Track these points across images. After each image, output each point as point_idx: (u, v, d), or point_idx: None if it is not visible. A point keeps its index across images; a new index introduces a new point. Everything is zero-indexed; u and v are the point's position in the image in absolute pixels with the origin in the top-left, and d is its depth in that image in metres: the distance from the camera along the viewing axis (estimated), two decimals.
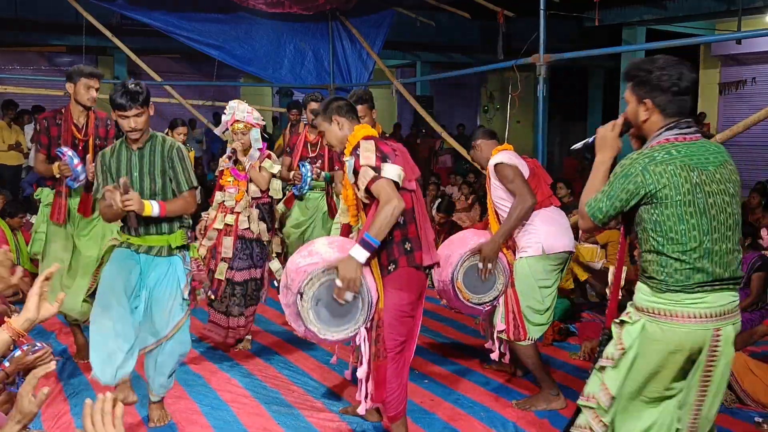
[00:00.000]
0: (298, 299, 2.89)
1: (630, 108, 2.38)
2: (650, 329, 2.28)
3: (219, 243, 4.58)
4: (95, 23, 8.58)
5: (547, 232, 3.69)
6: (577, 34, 11.56)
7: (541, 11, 5.77)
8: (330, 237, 3.29)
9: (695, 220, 2.23)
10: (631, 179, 2.24)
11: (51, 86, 10.33)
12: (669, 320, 2.25)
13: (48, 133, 4.15)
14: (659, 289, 2.27)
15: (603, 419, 2.39)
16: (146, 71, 9.38)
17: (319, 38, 9.34)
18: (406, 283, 2.99)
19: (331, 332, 2.95)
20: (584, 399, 2.46)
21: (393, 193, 2.83)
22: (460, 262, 3.64)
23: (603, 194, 2.31)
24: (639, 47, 9.55)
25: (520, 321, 3.70)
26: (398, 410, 3.10)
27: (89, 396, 3.88)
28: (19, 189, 9.00)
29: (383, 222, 2.81)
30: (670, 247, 2.24)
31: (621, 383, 2.34)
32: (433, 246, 3.10)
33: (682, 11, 9.62)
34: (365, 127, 3.11)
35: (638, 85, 2.33)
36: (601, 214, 2.31)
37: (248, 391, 4.03)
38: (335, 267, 2.86)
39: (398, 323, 3.00)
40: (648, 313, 2.29)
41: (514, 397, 3.93)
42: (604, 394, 2.36)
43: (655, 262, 2.28)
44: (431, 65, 14.80)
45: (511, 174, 3.62)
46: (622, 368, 2.33)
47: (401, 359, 3.07)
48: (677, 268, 2.24)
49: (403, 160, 3.03)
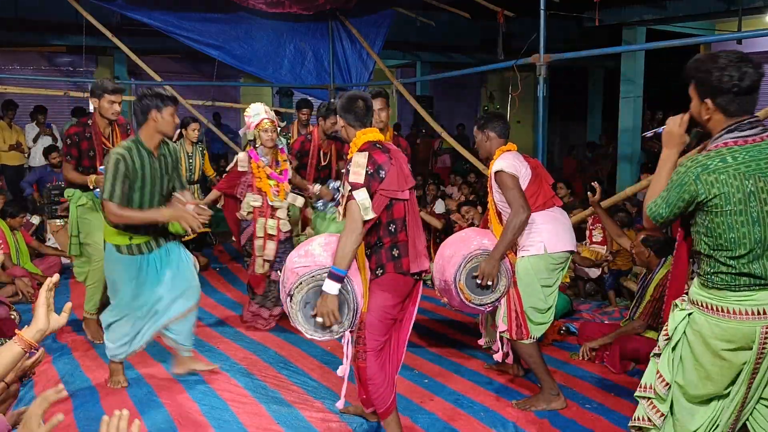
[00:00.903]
0: (288, 300, 3.07)
1: (693, 106, 2.35)
2: (697, 320, 2.33)
3: (255, 235, 4.99)
4: (95, 23, 8.57)
5: (549, 231, 3.70)
6: (577, 34, 11.55)
7: (541, 11, 5.77)
8: (327, 236, 3.31)
9: (746, 229, 2.22)
10: (686, 188, 2.25)
11: (51, 86, 10.34)
12: (716, 315, 2.29)
13: (79, 147, 4.53)
14: (706, 285, 2.32)
15: (660, 408, 2.43)
16: (146, 71, 9.38)
17: (319, 38, 9.33)
18: (392, 287, 3.09)
19: (318, 334, 3.12)
20: (641, 390, 2.51)
21: (358, 223, 2.96)
22: (463, 264, 3.65)
23: (662, 200, 2.33)
24: (639, 47, 9.54)
25: (522, 320, 3.70)
26: (386, 406, 3.17)
27: (90, 396, 3.90)
28: (19, 189, 8.99)
29: (343, 252, 2.96)
30: (719, 253, 2.27)
31: (673, 370, 2.39)
32: (422, 253, 3.16)
33: (682, 11, 9.60)
34: (366, 133, 3.14)
35: (699, 85, 2.29)
36: (661, 219, 2.34)
37: (248, 391, 4.03)
38: (325, 270, 3.01)
39: (380, 324, 3.11)
40: (698, 306, 2.35)
41: (515, 397, 3.93)
42: (660, 382, 2.43)
43: (705, 262, 2.33)
44: (431, 65, 14.78)
45: (510, 184, 3.61)
46: (670, 354, 2.40)
47: (383, 356, 3.16)
48: (725, 271, 2.27)
49: (398, 169, 3.08)
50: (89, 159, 4.52)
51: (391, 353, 3.21)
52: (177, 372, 4.22)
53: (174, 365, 4.23)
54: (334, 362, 4.36)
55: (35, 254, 6.91)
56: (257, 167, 4.93)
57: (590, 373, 4.37)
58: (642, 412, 2.50)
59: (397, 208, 3.02)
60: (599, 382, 4.22)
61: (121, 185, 3.57)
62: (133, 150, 3.65)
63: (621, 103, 10.56)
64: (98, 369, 4.33)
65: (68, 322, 5.56)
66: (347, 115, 3.17)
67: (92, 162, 4.52)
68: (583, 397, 3.95)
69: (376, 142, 3.13)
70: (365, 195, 2.96)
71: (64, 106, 12.11)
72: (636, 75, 10.31)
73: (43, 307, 1.98)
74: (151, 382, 4.13)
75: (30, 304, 5.84)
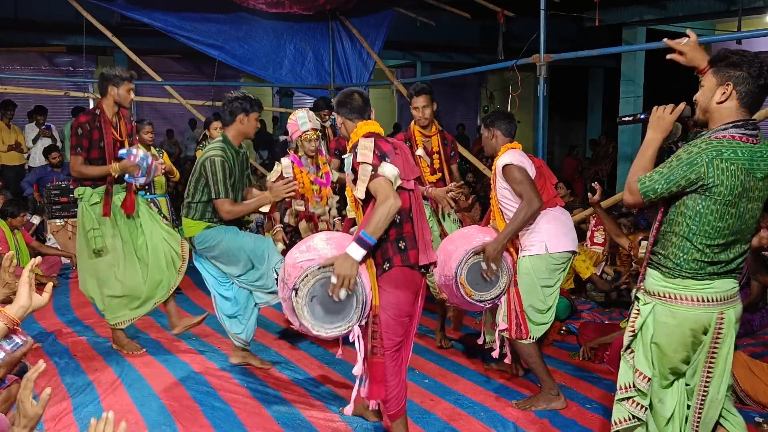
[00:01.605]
0: (292, 295, 2.92)
1: (705, 90, 2.38)
2: (660, 311, 2.45)
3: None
4: (95, 23, 8.58)
5: (551, 231, 3.70)
6: (577, 34, 11.56)
7: (541, 11, 5.77)
8: (329, 232, 3.29)
9: (732, 221, 2.34)
10: (695, 169, 2.28)
11: (51, 86, 10.34)
12: (678, 303, 2.42)
13: (90, 137, 4.40)
14: (671, 274, 2.42)
15: (643, 403, 2.53)
16: (146, 71, 9.38)
17: (319, 38, 9.33)
18: (402, 282, 3.01)
19: (325, 329, 2.97)
20: (621, 392, 2.58)
21: (390, 192, 2.86)
22: (465, 259, 3.65)
23: (660, 176, 2.34)
24: (639, 47, 9.55)
25: (522, 320, 3.71)
26: (398, 408, 3.11)
27: (91, 395, 3.90)
28: (19, 189, 8.99)
29: (380, 220, 2.84)
30: (699, 238, 2.35)
31: (651, 363, 2.49)
32: (429, 245, 3.11)
33: (682, 11, 9.61)
34: (368, 124, 3.12)
35: (727, 67, 2.32)
36: (653, 194, 2.36)
37: (248, 390, 4.03)
38: (331, 264, 2.89)
39: (396, 324, 3.03)
40: (658, 297, 2.46)
41: (514, 397, 3.94)
42: (639, 377, 2.51)
43: (677, 246, 2.40)
44: (431, 65, 14.79)
45: (519, 176, 3.61)
46: (644, 349, 2.49)
47: (399, 357, 3.09)
48: (696, 258, 2.38)
49: (403, 159, 3.04)
50: (99, 150, 4.39)
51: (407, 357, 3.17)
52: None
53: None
54: (335, 362, 4.37)
55: (35, 254, 6.91)
56: (300, 173, 4.85)
57: (590, 373, 4.37)
58: (622, 414, 2.57)
59: (401, 198, 2.94)
60: (599, 382, 4.22)
61: (229, 183, 3.98)
62: (226, 150, 4.03)
63: (621, 103, 10.57)
64: (98, 369, 4.34)
65: (68, 323, 5.57)
66: (343, 110, 3.17)
67: (102, 153, 4.39)
68: (583, 397, 3.96)
69: (378, 134, 3.11)
70: (391, 166, 2.90)
71: (64, 106, 12.11)
72: (636, 75, 10.32)
73: (25, 285, 2.04)
74: (151, 382, 4.13)
75: None
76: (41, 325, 5.30)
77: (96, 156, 4.39)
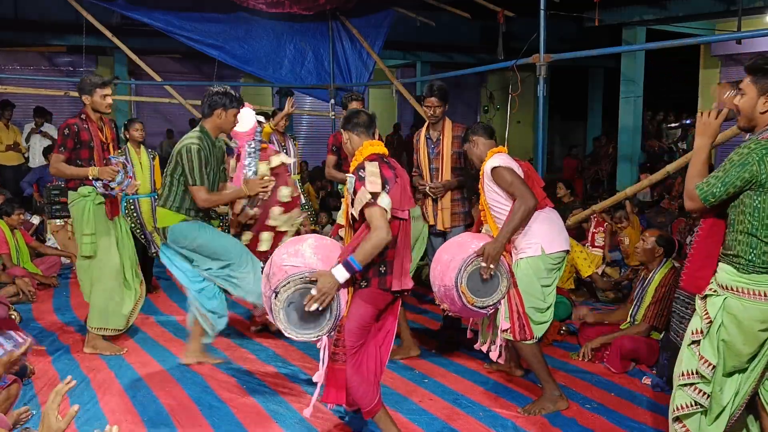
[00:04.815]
0: (273, 297, 3.08)
1: (747, 98, 2.55)
2: (732, 305, 2.53)
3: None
4: (95, 23, 8.57)
5: (546, 232, 3.73)
6: (577, 34, 11.55)
7: (541, 11, 5.76)
8: (318, 238, 3.33)
9: None
10: (748, 168, 2.45)
11: (51, 86, 10.33)
12: (751, 298, 2.50)
13: (78, 138, 4.39)
14: (745, 269, 2.52)
15: (706, 390, 2.60)
16: (146, 71, 9.38)
17: (319, 38, 9.33)
18: (372, 300, 3.13)
19: (296, 333, 3.13)
20: (684, 377, 2.65)
21: (384, 223, 2.98)
22: (464, 266, 3.64)
23: (717, 179, 2.50)
24: (639, 47, 9.55)
25: (525, 321, 3.71)
26: (372, 405, 3.17)
27: (90, 395, 3.90)
28: (19, 189, 8.99)
29: (369, 249, 2.98)
30: (763, 231, 2.48)
31: (717, 351, 2.56)
32: (406, 273, 3.21)
33: (682, 11, 9.60)
34: (374, 145, 3.18)
35: (764, 77, 2.48)
36: (713, 198, 2.51)
37: (247, 390, 4.03)
38: (314, 278, 3.02)
39: (358, 330, 3.14)
40: (731, 291, 2.54)
41: (514, 397, 3.93)
42: (704, 365, 2.58)
43: (746, 243, 2.52)
44: (431, 65, 14.78)
45: (509, 177, 3.63)
46: (713, 337, 2.57)
47: (358, 358, 3.17)
48: (766, 251, 2.49)
49: (401, 188, 3.14)
50: (89, 150, 4.40)
51: (369, 359, 3.22)
52: (185, 362, 4.40)
53: (184, 355, 4.44)
54: None
55: (35, 254, 6.91)
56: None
57: (590, 373, 4.37)
58: (684, 400, 2.66)
59: (392, 225, 3.06)
60: (599, 382, 4.22)
61: (205, 171, 4.01)
62: (203, 139, 4.06)
63: (621, 103, 10.56)
64: (98, 369, 4.34)
65: (68, 322, 5.56)
66: (349, 125, 3.25)
67: (91, 153, 4.41)
68: (583, 397, 3.95)
69: (383, 155, 3.18)
70: (388, 198, 3.01)
71: (64, 106, 12.10)
72: (636, 75, 10.32)
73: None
74: (149, 382, 4.13)
75: (30, 304, 5.85)
76: (41, 325, 5.30)
77: (86, 156, 4.42)
